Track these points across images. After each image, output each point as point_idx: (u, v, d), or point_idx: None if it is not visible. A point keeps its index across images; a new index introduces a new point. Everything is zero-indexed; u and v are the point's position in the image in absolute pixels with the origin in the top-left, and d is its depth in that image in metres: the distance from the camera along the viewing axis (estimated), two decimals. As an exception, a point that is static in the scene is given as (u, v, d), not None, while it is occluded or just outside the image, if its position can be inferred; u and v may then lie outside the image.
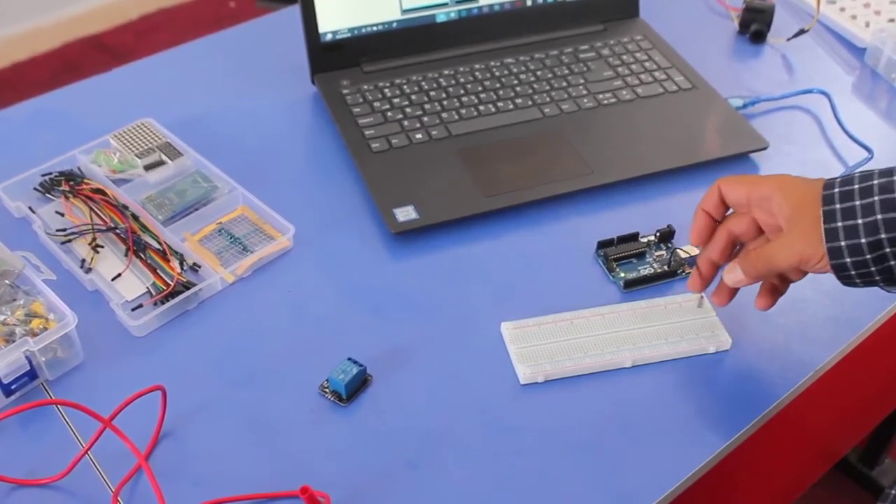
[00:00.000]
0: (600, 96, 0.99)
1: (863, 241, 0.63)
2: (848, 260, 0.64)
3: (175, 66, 1.07)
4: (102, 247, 0.82)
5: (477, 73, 1.02)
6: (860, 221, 0.63)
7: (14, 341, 0.71)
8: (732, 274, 0.71)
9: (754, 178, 0.71)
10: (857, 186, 0.64)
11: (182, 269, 0.80)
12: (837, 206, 0.64)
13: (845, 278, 0.66)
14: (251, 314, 0.79)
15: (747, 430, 0.72)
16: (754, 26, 1.11)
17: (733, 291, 0.74)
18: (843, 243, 0.64)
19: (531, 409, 0.72)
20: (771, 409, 0.73)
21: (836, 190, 0.65)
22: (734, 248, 0.73)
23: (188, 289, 0.78)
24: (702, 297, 0.78)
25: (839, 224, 0.64)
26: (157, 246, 0.82)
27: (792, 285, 0.74)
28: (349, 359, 0.72)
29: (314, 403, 0.72)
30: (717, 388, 0.74)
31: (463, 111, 0.97)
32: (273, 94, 1.02)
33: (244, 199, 0.87)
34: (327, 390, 0.72)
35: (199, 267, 0.81)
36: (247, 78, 1.05)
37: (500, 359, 0.75)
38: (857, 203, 0.63)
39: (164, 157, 0.90)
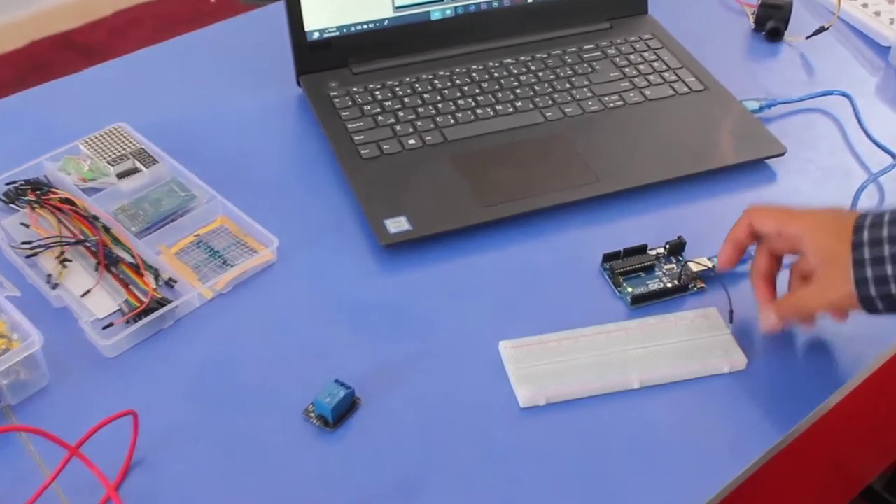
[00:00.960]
0: (606, 99, 1.00)
1: (893, 290, 0.67)
2: (880, 305, 0.69)
3: (151, 66, 1.08)
4: (71, 261, 0.82)
5: (474, 75, 1.02)
6: (889, 272, 0.67)
7: (-25, 362, 0.71)
8: (767, 320, 0.75)
9: (785, 213, 0.74)
10: (885, 233, 0.67)
11: (157, 284, 0.80)
12: (867, 255, 0.68)
13: (873, 312, 0.70)
14: (231, 333, 0.79)
15: (764, 456, 0.72)
16: (771, 24, 1.11)
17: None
18: (873, 293, 0.68)
19: (532, 435, 0.72)
20: (790, 433, 0.73)
21: (866, 235, 0.68)
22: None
23: (163, 306, 0.78)
24: (731, 312, 0.78)
25: (869, 275, 0.68)
26: (129, 260, 0.82)
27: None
28: (336, 381, 0.72)
29: (298, 429, 0.72)
30: (732, 410, 0.74)
31: (459, 115, 0.97)
32: (256, 97, 1.02)
33: (224, 209, 0.87)
34: (312, 414, 0.72)
35: (176, 282, 0.81)
36: (228, 79, 1.05)
37: (498, 380, 0.75)
38: (887, 252, 0.67)
39: (138, 165, 0.90)
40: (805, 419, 0.74)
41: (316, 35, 1.00)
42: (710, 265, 0.82)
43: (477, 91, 1.00)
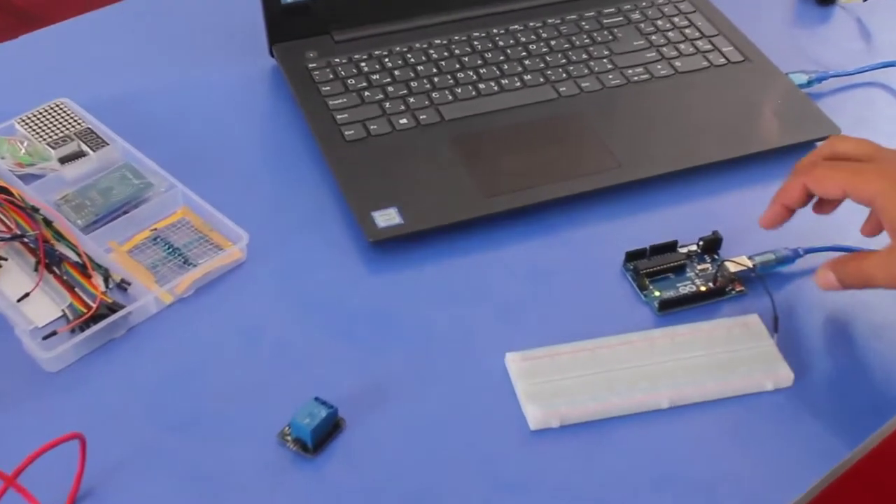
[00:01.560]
0: (629, 72, 1.00)
1: None
2: None
3: (99, 32, 1.08)
4: (6, 259, 0.83)
5: (476, 44, 1.02)
6: None
7: None
8: (824, 278, 0.76)
9: (853, 174, 0.74)
10: None
11: (107, 287, 0.81)
12: None
13: None
14: (194, 343, 0.79)
15: (815, 488, 0.72)
16: (822, -16, 1.12)
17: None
18: None
19: (543, 461, 0.72)
20: (845, 460, 0.73)
21: None
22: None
23: (114, 312, 0.78)
24: (776, 320, 0.79)
25: None
26: (75, 258, 0.82)
27: (869, 303, 0.74)
28: (316, 398, 0.73)
29: (273, 455, 0.72)
30: (777, 434, 0.74)
31: (458, 90, 0.97)
32: (222, 69, 1.03)
33: (185, 199, 0.88)
34: (289, 438, 0.72)
35: (129, 284, 0.81)
36: (189, 48, 1.05)
37: (504, 398, 0.75)
38: None
39: (84, 147, 0.90)
40: (863, 444, 0.74)
41: (292, -3, 1.01)
42: (751, 265, 0.82)
43: (479, 62, 1.00)
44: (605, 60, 1.01)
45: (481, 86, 0.98)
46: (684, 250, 0.85)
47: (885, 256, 0.73)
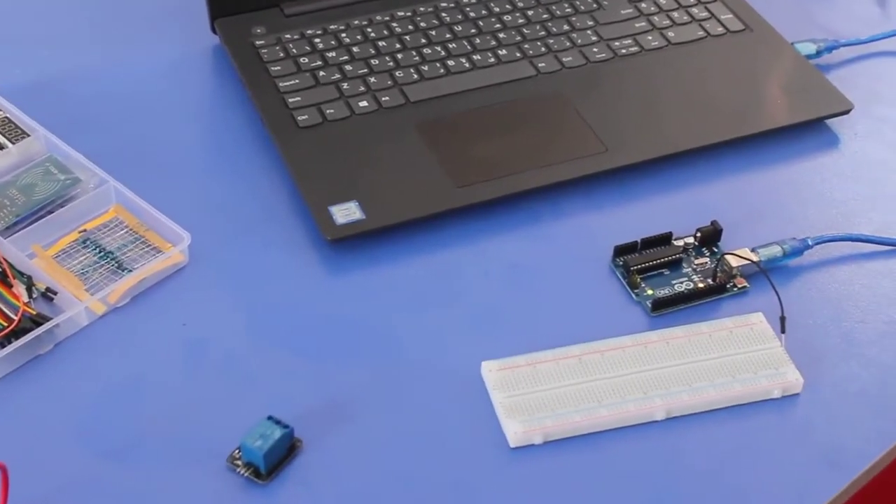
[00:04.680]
0: (616, 44, 1.01)
1: None
2: None
3: (15, 6, 1.08)
4: (-83, 268, 0.83)
5: (444, 15, 1.03)
6: None
7: None
8: None
9: None
10: None
11: (30, 297, 0.81)
12: None
13: None
14: (130, 358, 0.79)
15: (829, 505, 0.73)
16: (830, -58, 1.13)
17: None
18: None
19: (525, 483, 0.72)
20: (861, 474, 0.74)
21: None
22: None
23: (39, 325, 0.78)
24: (783, 320, 0.79)
25: None
26: (-6, 265, 0.82)
27: (887, 298, 0.75)
28: (270, 418, 0.73)
29: (221, 482, 0.72)
30: (786, 447, 0.75)
31: (425, 68, 0.98)
32: (157, 48, 1.03)
33: (118, 196, 0.88)
34: (239, 463, 0.72)
35: (56, 294, 0.81)
36: (119, 24, 1.05)
37: (481, 413, 0.76)
38: None
39: (1, 139, 0.90)
40: (881, 455, 0.75)
41: (235, -35, 1.01)
42: (755, 258, 0.83)
43: (448, 36, 1.01)
44: (588, 32, 1.02)
45: (450, 63, 0.98)
46: (680, 243, 0.86)
47: None
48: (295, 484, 0.72)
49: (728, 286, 0.83)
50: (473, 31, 1.01)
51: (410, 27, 1.01)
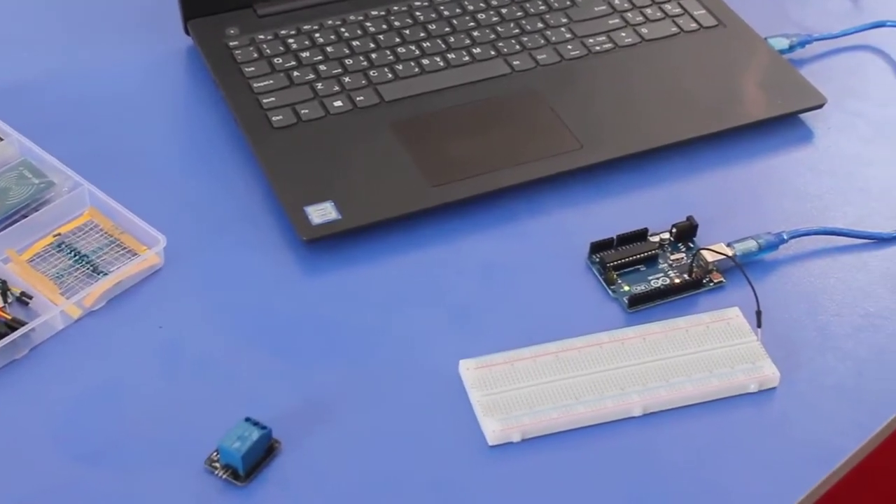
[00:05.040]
0: (591, 41, 1.01)
1: None
2: None
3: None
4: None
5: (418, 14, 1.03)
6: None
7: None
8: None
9: None
10: None
11: (5, 301, 0.80)
12: None
13: None
14: (107, 361, 0.79)
15: (806, 499, 0.73)
16: (802, -63, 1.13)
17: None
18: None
19: (504, 481, 0.72)
20: (839, 467, 0.74)
21: None
22: None
23: (15, 329, 0.78)
24: (758, 314, 0.79)
25: None
26: (-32, 270, 0.82)
27: (862, 292, 0.75)
28: (247, 419, 0.73)
29: (200, 484, 0.72)
30: (763, 440, 0.75)
31: (399, 68, 0.98)
32: (130, 50, 1.02)
33: (93, 199, 0.87)
34: (218, 465, 0.72)
35: (31, 298, 0.81)
36: (91, 28, 1.05)
37: (459, 411, 0.76)
38: None
39: (-25, 144, 0.90)
40: (858, 448, 0.75)
41: (207, -34, 1.01)
42: (731, 253, 0.83)
43: (422, 35, 1.01)
44: (562, 29, 1.02)
45: (425, 62, 0.98)
46: (655, 239, 0.86)
47: None
48: (274, 485, 0.72)
49: (704, 281, 0.83)
50: (447, 29, 1.01)
51: (384, 26, 1.01)
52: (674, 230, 0.86)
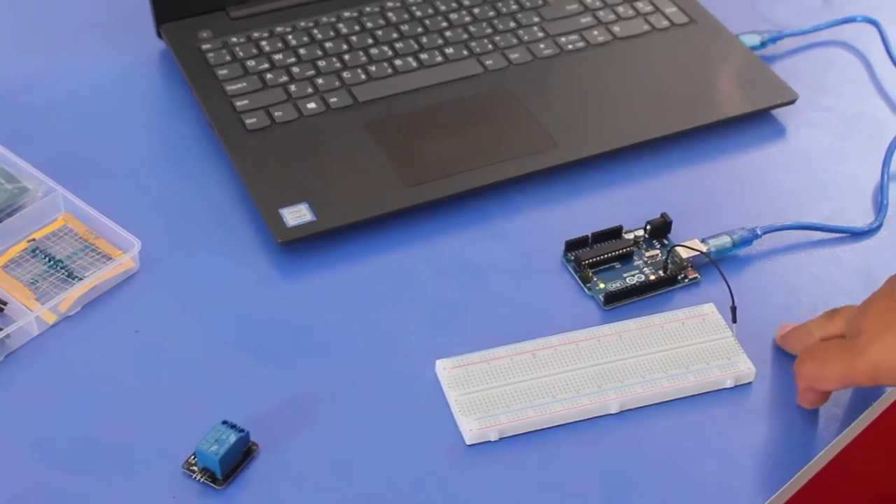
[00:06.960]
0: (563, 40, 1.01)
1: None
2: None
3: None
4: None
5: (390, 15, 1.03)
6: None
7: None
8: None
9: (846, 365, 0.72)
10: None
11: (-20, 307, 0.80)
12: None
13: None
14: (83, 367, 0.79)
15: (784, 492, 0.73)
16: (772, -66, 1.14)
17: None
18: None
19: (482, 479, 0.72)
20: (816, 460, 0.75)
21: None
22: None
23: (-10, 335, 0.78)
24: (734, 310, 0.80)
25: None
26: (-58, 277, 0.82)
27: (836, 286, 0.76)
28: (224, 422, 0.72)
29: (178, 488, 0.72)
30: (740, 436, 0.75)
31: (372, 68, 0.98)
32: (103, 54, 1.02)
33: (67, 204, 0.87)
34: (195, 468, 0.72)
35: (5, 304, 0.81)
36: (63, 32, 1.05)
37: (436, 410, 0.76)
38: None
39: (-52, 150, 0.90)
40: (834, 441, 0.75)
41: (179, -31, 1.01)
42: (705, 249, 0.84)
43: (395, 36, 1.01)
44: (535, 28, 1.02)
45: (398, 62, 0.98)
46: (630, 236, 0.86)
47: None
48: (252, 488, 0.72)
49: (679, 278, 0.84)
50: (420, 30, 1.01)
51: (357, 28, 1.01)
52: (648, 227, 0.86)
